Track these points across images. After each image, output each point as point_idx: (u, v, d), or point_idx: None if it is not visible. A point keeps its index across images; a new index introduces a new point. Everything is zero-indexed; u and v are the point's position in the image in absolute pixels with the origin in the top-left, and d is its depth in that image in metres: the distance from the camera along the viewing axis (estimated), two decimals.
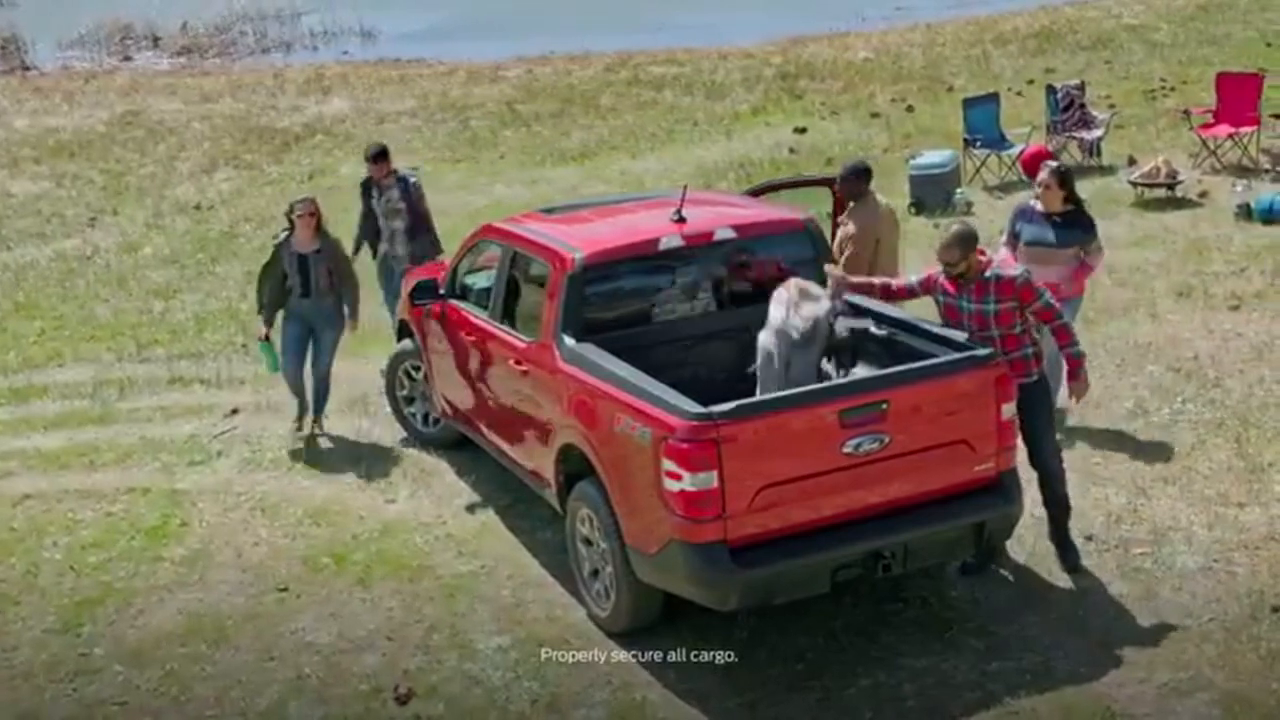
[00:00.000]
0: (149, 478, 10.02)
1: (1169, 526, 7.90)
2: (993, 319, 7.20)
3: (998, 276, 7.24)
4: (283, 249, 10.16)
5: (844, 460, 6.62)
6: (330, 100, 25.60)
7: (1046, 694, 6.46)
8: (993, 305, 7.20)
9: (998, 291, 7.21)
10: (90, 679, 7.45)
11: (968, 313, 7.28)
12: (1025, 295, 7.23)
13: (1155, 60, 23.59)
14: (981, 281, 7.24)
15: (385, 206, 11.64)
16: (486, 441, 8.89)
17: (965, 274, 7.26)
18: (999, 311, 7.20)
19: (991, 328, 7.20)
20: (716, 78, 24.80)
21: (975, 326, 7.22)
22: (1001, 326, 7.21)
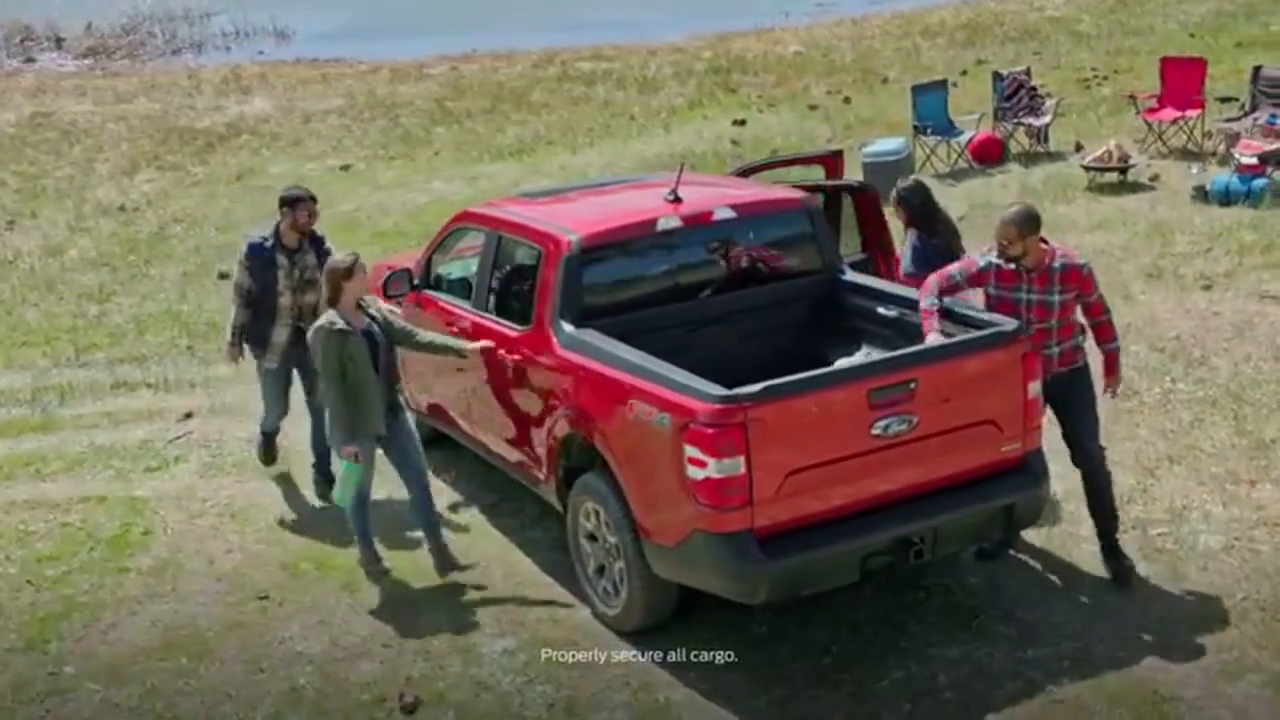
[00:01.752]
0: (104, 485, 9.49)
1: (1184, 506, 7.73)
2: (1056, 309, 6.90)
3: (1065, 265, 6.91)
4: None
5: (872, 443, 6.34)
6: (251, 100, 24.95)
7: (1088, 680, 6.24)
8: (1057, 295, 6.89)
9: (1063, 280, 6.89)
10: (63, 699, 6.96)
11: (1027, 304, 6.90)
12: (1087, 286, 6.96)
13: (1083, 51, 23.73)
14: (1047, 271, 6.89)
15: (299, 278, 8.55)
16: (469, 438, 8.50)
17: (1022, 259, 6.89)
18: (1064, 301, 6.91)
19: (1053, 318, 6.90)
20: (648, 73, 24.53)
21: (1036, 318, 6.88)
22: (1064, 316, 6.94)
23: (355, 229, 16.14)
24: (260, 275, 8.47)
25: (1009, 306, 6.91)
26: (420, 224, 15.97)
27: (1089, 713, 6.03)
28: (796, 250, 7.85)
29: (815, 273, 7.84)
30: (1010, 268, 6.94)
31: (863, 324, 7.58)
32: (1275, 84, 15.29)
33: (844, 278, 7.84)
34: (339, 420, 7.49)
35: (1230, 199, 13.43)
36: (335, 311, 7.41)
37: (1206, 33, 24.13)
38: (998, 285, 7.00)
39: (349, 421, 7.44)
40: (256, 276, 8.48)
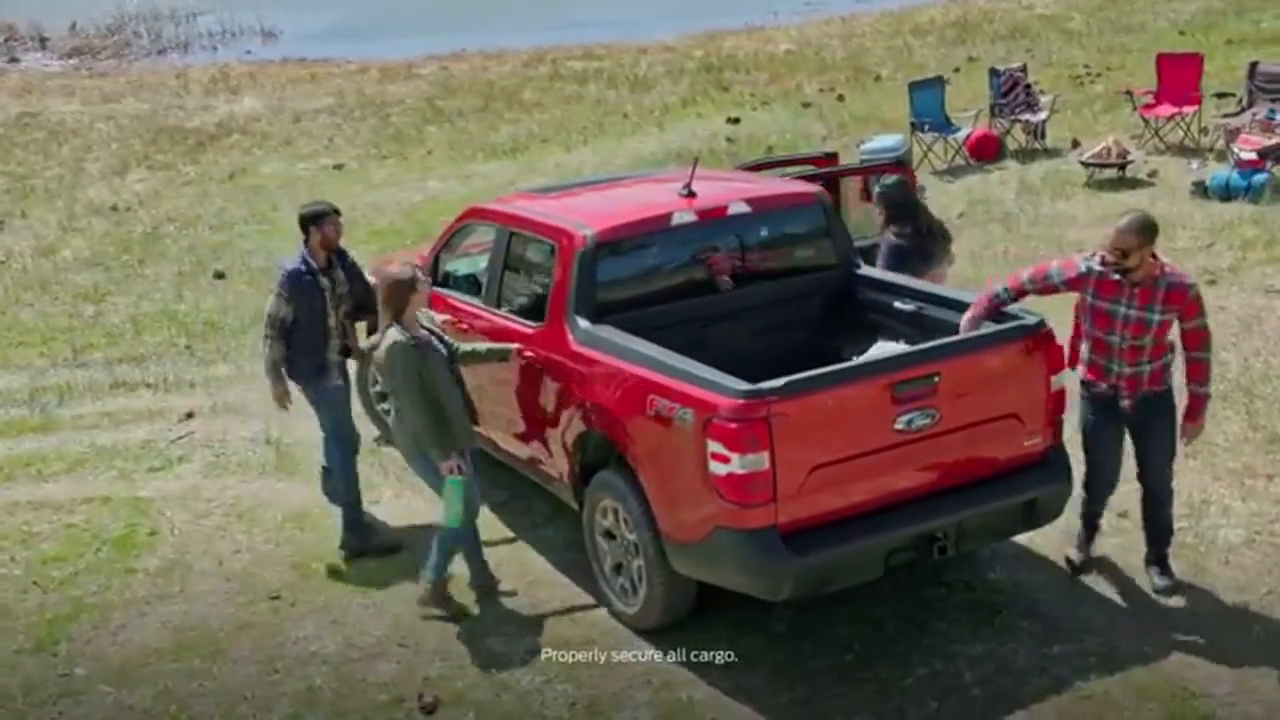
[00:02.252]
0: (107, 486, 9.39)
1: (1202, 500, 7.69)
2: (1154, 328, 6.58)
3: (1170, 284, 6.55)
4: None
5: (896, 437, 6.29)
6: (240, 99, 24.84)
7: (1116, 676, 6.19)
8: (1158, 314, 6.57)
9: (1166, 300, 6.55)
10: (76, 701, 6.87)
11: (1125, 319, 6.60)
12: (1191, 310, 6.60)
13: (1074, 48, 23.74)
14: (1152, 286, 6.55)
15: (337, 295, 8.09)
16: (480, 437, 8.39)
17: (1131, 271, 6.54)
18: (1163, 321, 6.59)
19: (1148, 336, 6.61)
20: (639, 71, 24.47)
21: (1131, 335, 6.61)
22: (1159, 335, 6.64)
23: (351, 228, 15.83)
24: (306, 301, 7.88)
25: (1104, 319, 6.64)
26: (415, 223, 15.90)
27: (1118, 709, 5.98)
28: (811, 245, 7.80)
29: (830, 267, 7.79)
30: (1114, 278, 6.60)
31: (878, 318, 7.52)
32: (1272, 79, 15.29)
33: (859, 272, 7.78)
34: (428, 436, 7.03)
35: (1230, 194, 13.42)
36: (399, 326, 7.02)
37: (1197, 30, 24.17)
38: (1096, 294, 6.67)
39: (438, 436, 7.03)
40: (301, 304, 7.87)
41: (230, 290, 13.77)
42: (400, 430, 7.30)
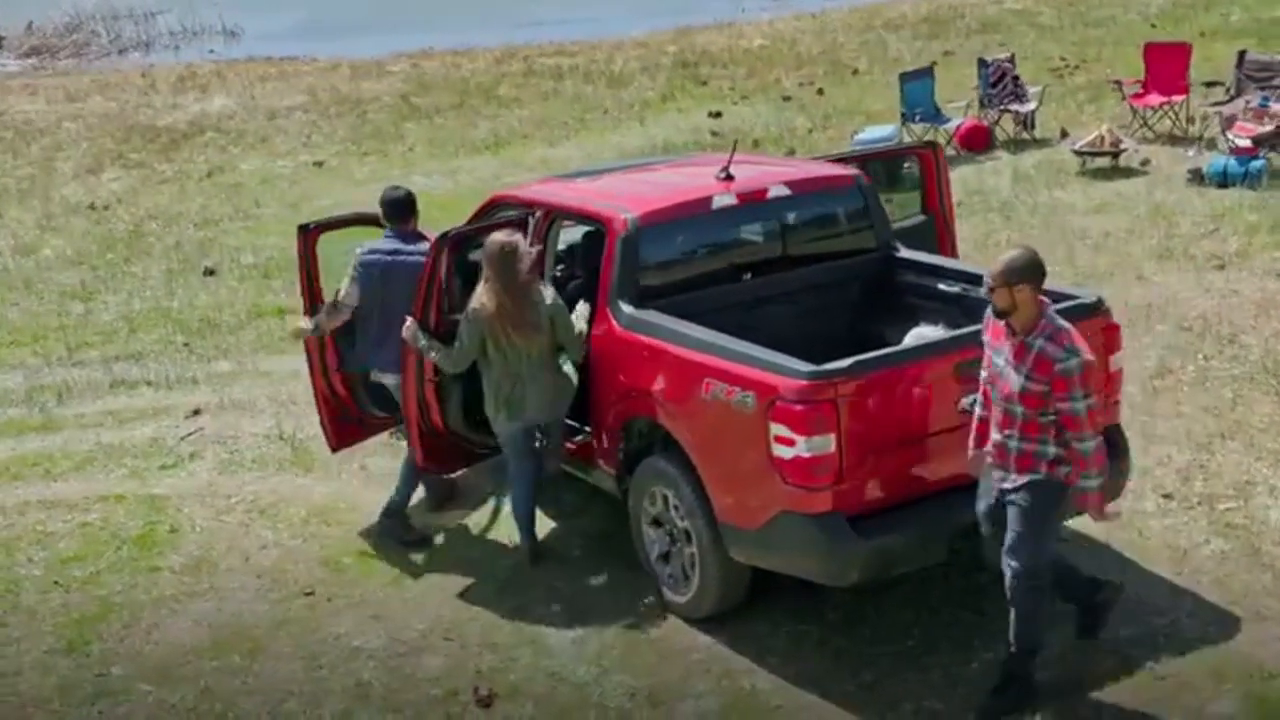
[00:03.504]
0: (119, 484, 9.18)
1: (1245, 481, 7.67)
2: (1020, 395, 5.58)
3: (1042, 348, 5.54)
4: None
5: (959, 418, 6.21)
6: (211, 97, 24.51)
7: (1187, 656, 6.14)
8: (1024, 378, 5.58)
9: (1035, 366, 5.55)
10: (115, 701, 6.68)
11: (999, 370, 5.70)
12: (1059, 386, 5.51)
13: (1048, 42, 23.83)
14: (1026, 344, 5.61)
15: None
16: None
17: (1004, 315, 5.65)
18: (1026, 390, 5.58)
19: (1016, 403, 5.61)
20: (615, 67, 24.35)
21: (1001, 394, 5.69)
22: (1027, 408, 5.60)
23: None
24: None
25: (990, 365, 5.83)
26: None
27: (1194, 690, 5.92)
28: (851, 228, 7.71)
29: (870, 250, 7.71)
30: (994, 319, 5.81)
31: (919, 301, 7.45)
32: (1260, 68, 15.38)
33: (899, 255, 7.70)
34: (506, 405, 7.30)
35: (1228, 181, 13.48)
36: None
37: (1168, 23, 24.34)
38: (989, 336, 5.86)
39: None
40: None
41: (223, 287, 13.55)
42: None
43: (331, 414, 8.26)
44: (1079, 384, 5.49)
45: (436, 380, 7.52)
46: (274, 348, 11.67)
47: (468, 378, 7.50)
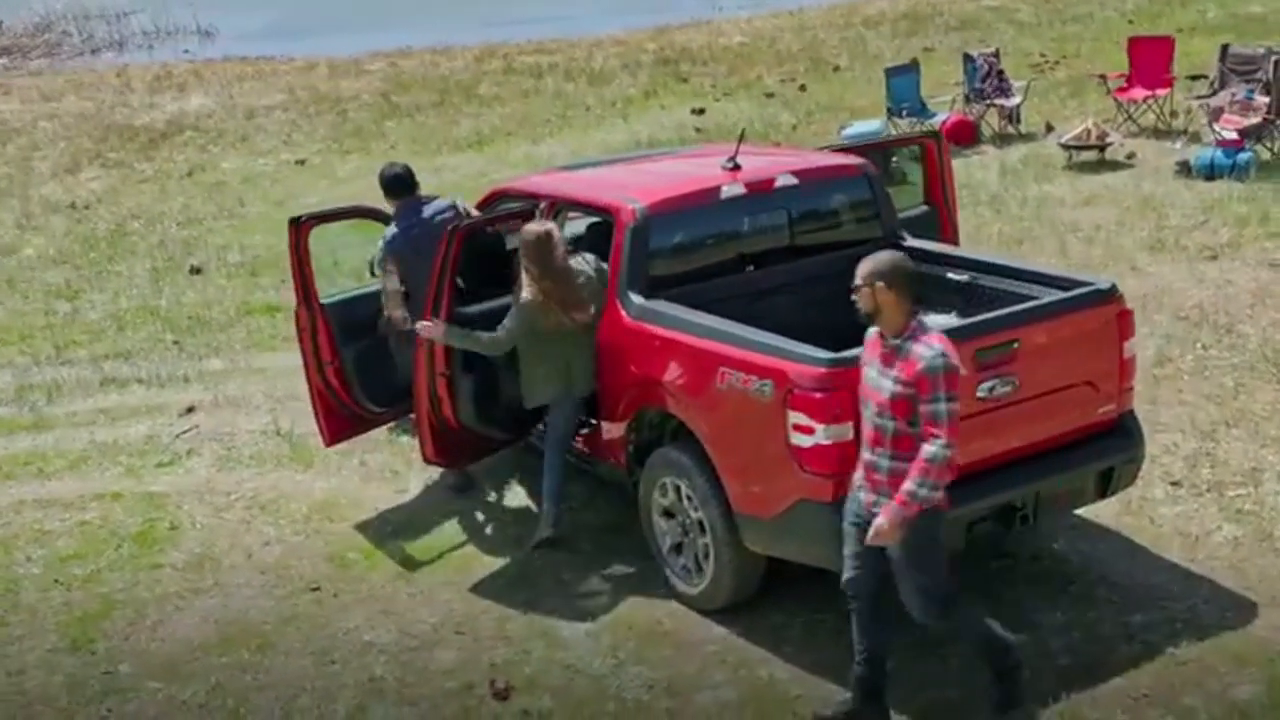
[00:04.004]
0: (115, 482, 9.08)
1: (1253, 468, 7.69)
2: (890, 402, 5.38)
3: (910, 348, 5.37)
4: None
5: (977, 405, 6.18)
6: (188, 97, 24.34)
7: (1206, 642, 6.14)
8: (891, 383, 5.39)
9: (903, 368, 5.36)
10: (125, 698, 6.60)
11: (871, 383, 5.49)
12: (922, 386, 5.30)
13: (1027, 38, 23.87)
14: (895, 347, 5.44)
15: None
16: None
17: (871, 317, 5.50)
18: (895, 395, 5.37)
19: (886, 414, 5.40)
20: (595, 65, 24.29)
21: (874, 404, 5.47)
22: (897, 418, 5.38)
23: None
24: None
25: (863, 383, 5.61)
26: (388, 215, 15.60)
27: (1216, 674, 5.92)
28: (857, 217, 7.69)
29: (876, 240, 7.66)
30: (873, 332, 5.61)
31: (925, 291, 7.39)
32: (1242, 61, 15.42)
33: (905, 244, 7.67)
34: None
35: (1215, 173, 13.53)
36: None
37: (1145, 20, 24.40)
38: (865, 351, 5.64)
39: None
40: None
41: (210, 285, 13.44)
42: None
43: (326, 408, 8.20)
44: (943, 383, 5.30)
45: (447, 374, 7.47)
46: (265, 345, 11.60)
47: (480, 372, 7.45)
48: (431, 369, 7.52)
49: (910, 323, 5.42)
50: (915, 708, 5.94)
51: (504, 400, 7.66)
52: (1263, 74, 15.00)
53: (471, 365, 7.51)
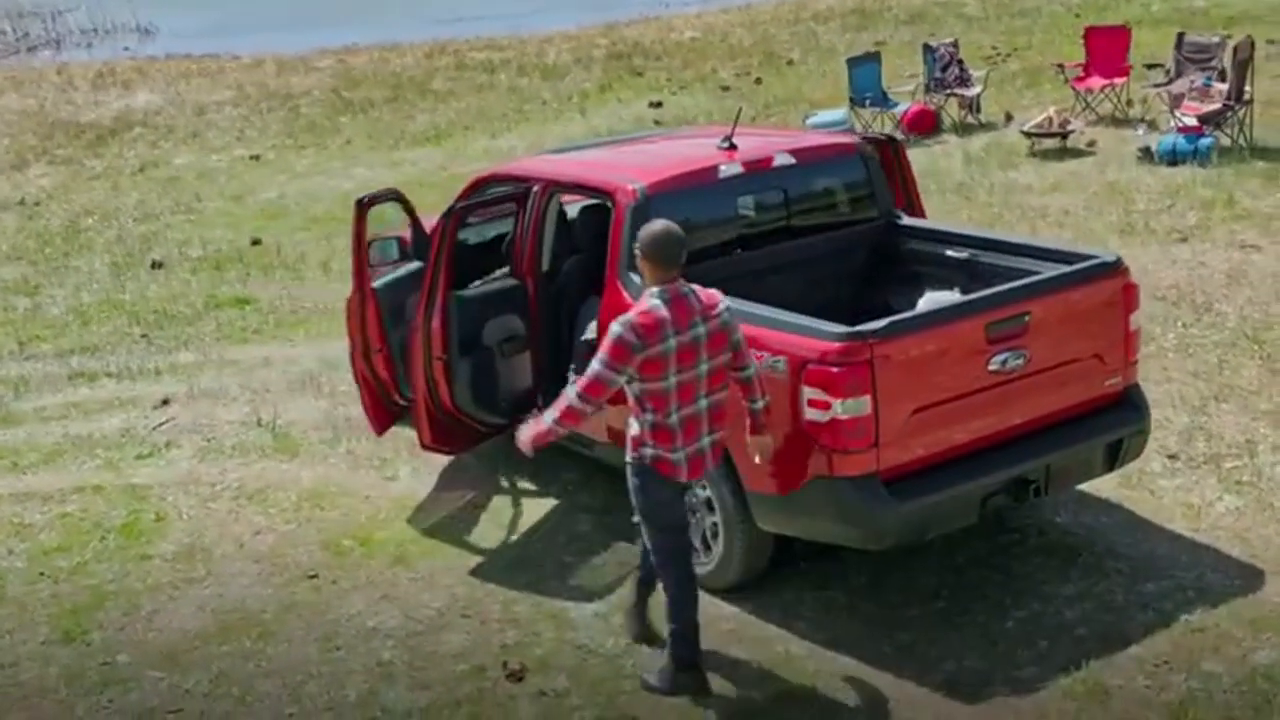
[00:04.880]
0: (94, 475, 8.90)
1: (1247, 440, 7.76)
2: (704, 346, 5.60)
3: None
4: None
5: (989, 379, 6.20)
6: (134, 94, 24.04)
7: (1220, 609, 6.18)
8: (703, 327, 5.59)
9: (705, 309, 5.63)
10: (126, 688, 6.45)
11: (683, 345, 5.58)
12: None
13: (976, 32, 24.05)
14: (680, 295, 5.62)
15: None
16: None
17: None
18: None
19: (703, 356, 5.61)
20: (547, 60, 24.24)
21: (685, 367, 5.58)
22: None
23: (285, 215, 15.63)
24: None
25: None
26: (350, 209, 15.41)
27: (1233, 640, 5.96)
28: (855, 196, 7.69)
29: (874, 219, 7.68)
30: None
31: (924, 268, 7.44)
32: (1198, 49, 15.61)
33: (901, 223, 7.69)
34: None
35: (1178, 159, 13.68)
36: None
37: (1091, 13, 24.62)
38: None
39: None
40: None
41: (174, 279, 13.25)
42: None
43: (373, 397, 8.02)
44: (605, 345, 5.50)
45: (444, 359, 7.38)
46: (237, 337, 11.45)
47: (476, 357, 7.37)
48: (428, 354, 7.43)
49: (651, 289, 5.61)
50: (936, 680, 5.93)
51: (501, 386, 7.58)
52: (1218, 62, 15.22)
53: (468, 350, 7.43)
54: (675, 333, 5.51)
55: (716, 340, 5.62)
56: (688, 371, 5.56)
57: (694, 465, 5.69)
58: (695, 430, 5.65)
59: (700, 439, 5.68)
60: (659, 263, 5.60)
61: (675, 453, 5.63)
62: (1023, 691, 5.76)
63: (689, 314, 5.56)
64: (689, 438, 5.63)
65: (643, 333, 5.46)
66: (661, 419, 5.58)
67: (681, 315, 5.54)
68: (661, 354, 5.50)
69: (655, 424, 5.60)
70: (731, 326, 5.69)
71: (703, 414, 5.66)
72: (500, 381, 7.56)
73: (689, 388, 5.58)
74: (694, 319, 5.56)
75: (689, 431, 5.63)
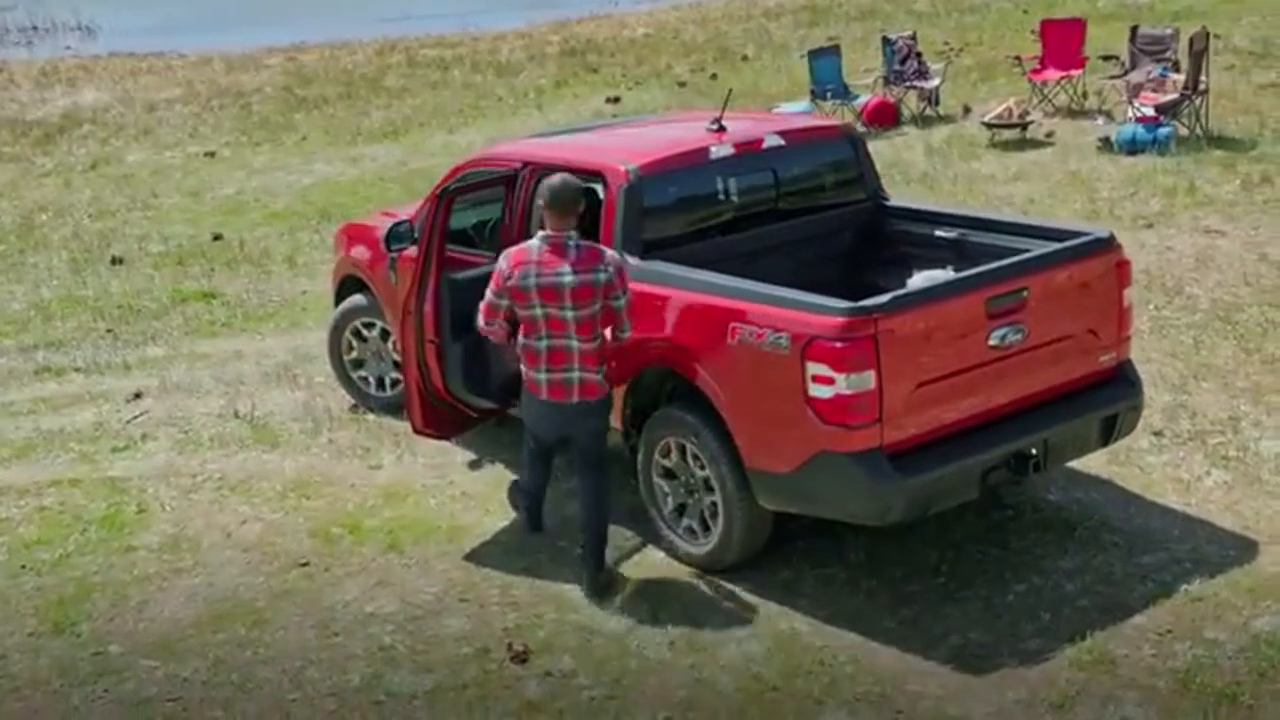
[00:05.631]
0: (70, 469, 8.76)
1: (1229, 417, 7.87)
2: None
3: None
4: None
5: (989, 354, 6.24)
6: (81, 91, 23.75)
7: (1218, 579, 6.26)
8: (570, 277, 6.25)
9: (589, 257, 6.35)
10: (120, 678, 6.35)
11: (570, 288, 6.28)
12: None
13: (926, 28, 24.17)
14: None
15: None
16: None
17: None
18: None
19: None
20: (500, 57, 24.19)
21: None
22: None
23: (245, 211, 15.49)
24: None
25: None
26: (311, 204, 15.46)
27: (1233, 608, 6.03)
28: (843, 178, 7.72)
29: (862, 200, 7.72)
30: None
31: (914, 249, 7.48)
32: (1152, 41, 15.82)
33: (889, 204, 7.73)
34: None
35: (1137, 148, 13.85)
36: None
37: (1039, 8, 24.91)
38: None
39: None
40: None
41: (136, 274, 13.09)
42: None
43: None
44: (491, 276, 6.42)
45: (437, 342, 7.32)
46: (205, 331, 11.34)
47: (468, 341, 7.31)
48: (421, 337, 7.38)
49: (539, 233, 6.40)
50: (943, 653, 5.96)
51: (493, 369, 7.53)
52: (1171, 53, 15.43)
53: (460, 334, 7.38)
54: (538, 273, 6.24)
55: (582, 292, 6.25)
56: (553, 309, 6.27)
57: (553, 389, 6.40)
58: (562, 361, 6.34)
59: (568, 371, 6.35)
60: (551, 211, 6.30)
61: (539, 374, 6.40)
62: (1030, 662, 5.80)
63: (558, 261, 6.25)
64: (554, 365, 6.35)
65: (510, 266, 6.31)
66: (530, 342, 6.39)
67: (550, 260, 6.26)
68: (522, 287, 6.27)
69: (525, 346, 6.42)
70: (607, 286, 6.30)
71: (573, 351, 6.33)
72: (492, 365, 7.51)
73: (557, 323, 6.29)
74: (561, 267, 6.24)
75: (554, 360, 6.34)
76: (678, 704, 5.77)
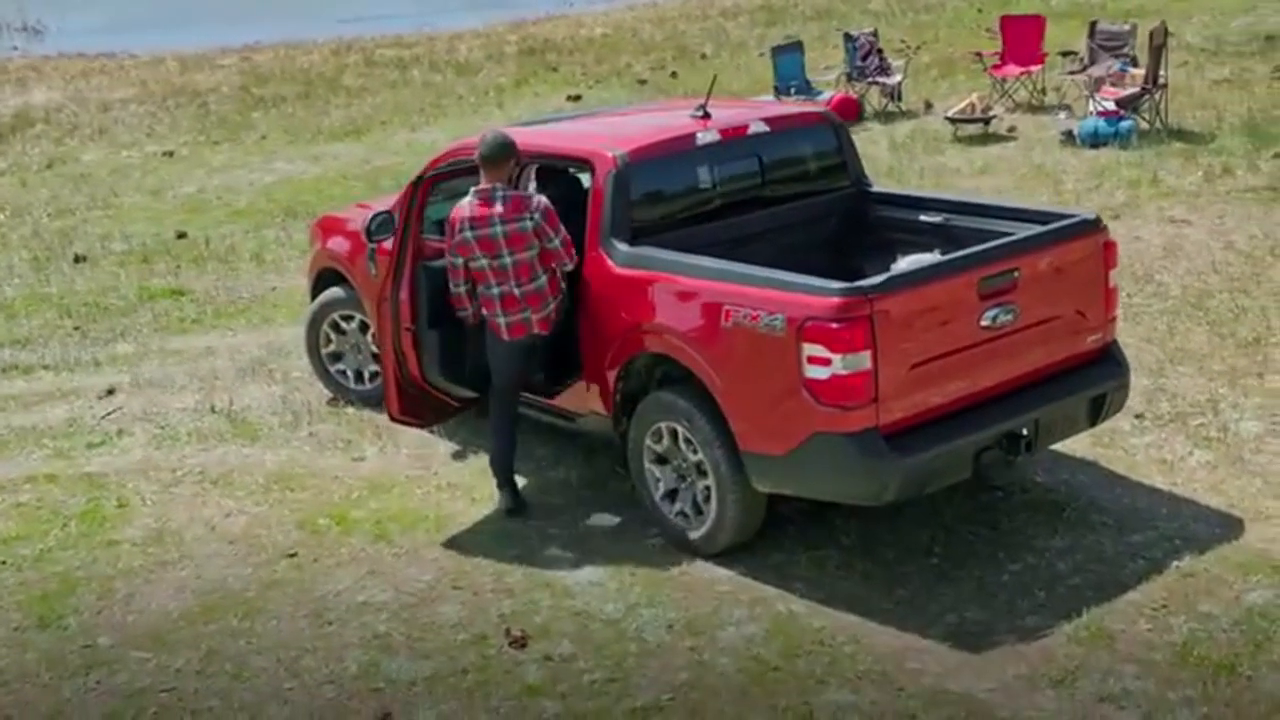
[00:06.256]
0: (44, 464, 8.66)
1: (1208, 399, 7.96)
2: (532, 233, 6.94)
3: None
4: None
5: (981, 334, 6.30)
6: (30, 91, 23.47)
7: (1208, 555, 6.34)
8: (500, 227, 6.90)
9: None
10: (111, 670, 6.28)
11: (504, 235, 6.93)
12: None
13: (883, 26, 24.14)
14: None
15: None
16: None
17: None
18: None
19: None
20: (459, 56, 24.14)
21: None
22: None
23: (207, 209, 15.35)
24: None
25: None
26: (275, 201, 15.35)
27: (1225, 583, 6.11)
28: (827, 164, 7.76)
29: (846, 186, 7.77)
30: None
31: (898, 235, 7.53)
32: (1110, 37, 16.00)
33: (873, 190, 7.78)
34: None
35: (1099, 141, 14.00)
36: None
37: (994, 7, 25.10)
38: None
39: None
40: None
41: (100, 272, 12.95)
42: None
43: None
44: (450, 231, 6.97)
45: (413, 330, 7.30)
46: (175, 328, 11.24)
47: (445, 329, 7.29)
48: (397, 325, 7.35)
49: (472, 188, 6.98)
50: (940, 631, 6.00)
51: (469, 358, 7.51)
52: (1129, 48, 15.61)
53: (437, 322, 7.36)
54: (473, 227, 6.85)
55: (515, 239, 6.85)
56: (494, 259, 6.87)
57: (513, 329, 7.01)
58: (514, 305, 6.96)
59: (521, 313, 6.98)
60: (484, 165, 6.90)
61: (498, 317, 7.00)
62: (1028, 639, 5.85)
63: (488, 214, 6.84)
64: (508, 309, 6.97)
65: (452, 224, 6.95)
66: (485, 290, 6.99)
67: (481, 215, 6.85)
68: (464, 242, 6.90)
69: (483, 294, 7.02)
70: (538, 231, 6.85)
71: (519, 296, 6.93)
72: (469, 354, 7.48)
73: (500, 273, 6.90)
74: (492, 218, 6.83)
75: (506, 305, 6.96)
76: (680, 685, 5.77)
